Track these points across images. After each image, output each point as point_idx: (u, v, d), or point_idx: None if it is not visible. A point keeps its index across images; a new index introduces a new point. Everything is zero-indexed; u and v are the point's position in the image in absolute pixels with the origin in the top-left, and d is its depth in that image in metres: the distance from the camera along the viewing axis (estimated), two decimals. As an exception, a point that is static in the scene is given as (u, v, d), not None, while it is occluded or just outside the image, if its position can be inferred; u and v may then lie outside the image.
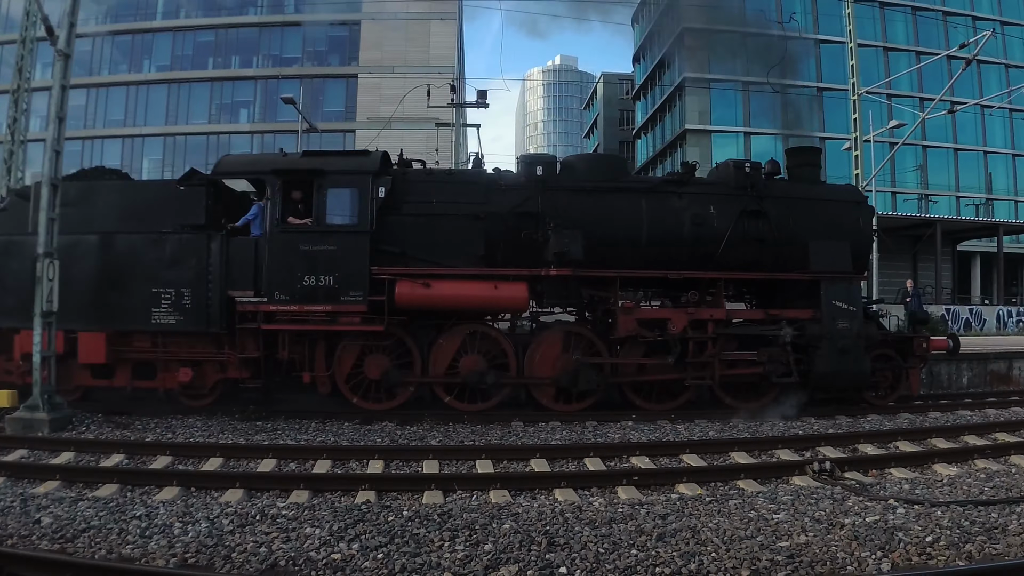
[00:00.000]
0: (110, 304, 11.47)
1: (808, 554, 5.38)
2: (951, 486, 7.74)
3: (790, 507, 6.69)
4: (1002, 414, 13.11)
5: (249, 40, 46.73)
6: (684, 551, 5.39)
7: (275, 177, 11.44)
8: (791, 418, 11.71)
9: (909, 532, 5.88)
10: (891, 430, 11.06)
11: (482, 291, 11.41)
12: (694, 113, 49.93)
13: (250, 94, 46.31)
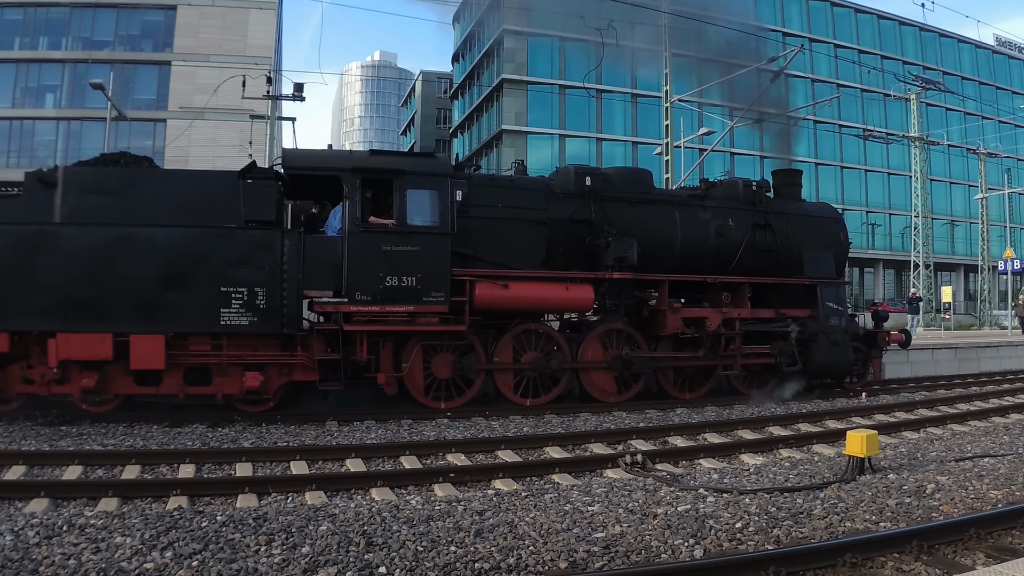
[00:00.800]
0: (169, 304, 13.35)
1: (623, 544, 7.24)
2: (758, 474, 10.50)
3: (604, 499, 8.77)
4: (804, 406, 17.52)
5: (59, 21, 55.07)
6: (502, 546, 7.06)
7: (354, 176, 14.29)
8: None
9: (719, 519, 8.03)
10: (699, 423, 14.66)
11: (556, 292, 15.94)
12: (511, 114, 62.06)
13: (57, 78, 54.10)
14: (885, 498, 9.15)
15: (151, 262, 13.48)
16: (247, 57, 48.32)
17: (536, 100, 62.46)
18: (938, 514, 8.64)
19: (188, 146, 46.53)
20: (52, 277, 13.19)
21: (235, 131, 45.57)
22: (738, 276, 17.95)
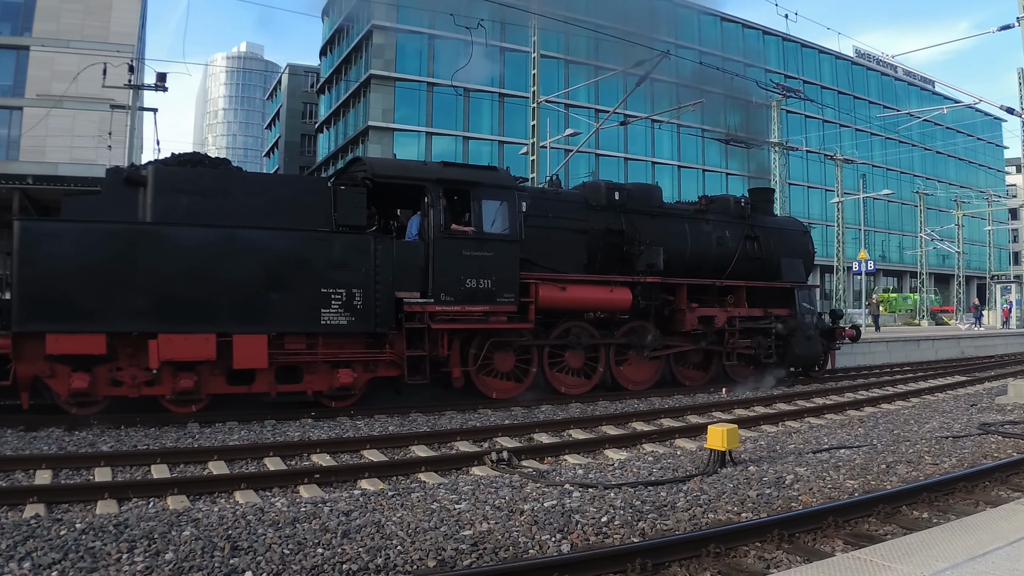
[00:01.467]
0: (272, 304, 14.11)
1: (491, 541, 7.29)
2: (622, 469, 10.68)
3: (471, 497, 8.80)
4: (667, 401, 17.98)
5: (-93, 1, 50.88)
6: (370, 546, 7.01)
7: (438, 186, 15.73)
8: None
9: (585, 514, 8.15)
10: (564, 419, 14.82)
11: (602, 294, 18.13)
12: (378, 110, 61.96)
13: (-97, 62, 49.89)
14: (746, 489, 9.43)
15: (254, 264, 14.13)
16: (109, 44, 46.66)
17: (404, 97, 62.57)
18: (797, 504, 8.96)
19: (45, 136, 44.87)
20: (152, 277, 13.46)
21: (94, 121, 44.34)
22: (734, 280, 20.94)
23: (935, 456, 11.87)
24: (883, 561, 4.68)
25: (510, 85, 62.64)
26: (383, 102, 62.27)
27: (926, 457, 11.78)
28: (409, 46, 62.53)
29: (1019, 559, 4.56)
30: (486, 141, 64.60)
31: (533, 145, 29.30)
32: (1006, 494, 9.51)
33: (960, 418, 15.96)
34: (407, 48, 62.61)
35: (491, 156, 63.79)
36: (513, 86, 61.77)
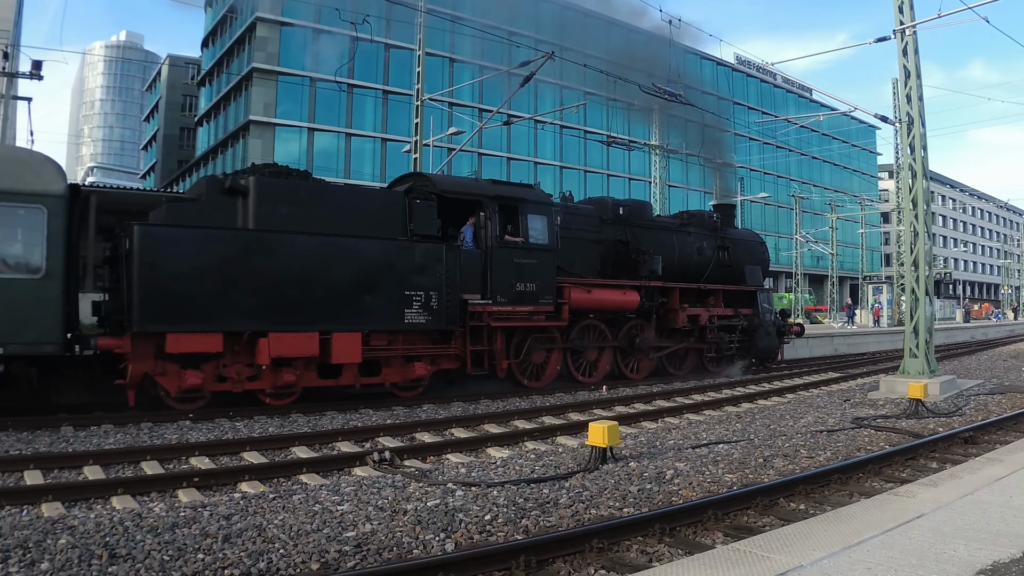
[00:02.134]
0: (365, 305, 15.88)
1: (375, 542, 7.23)
2: (505, 467, 10.73)
3: (354, 497, 8.70)
4: (548, 399, 18.08)
5: None
6: (252, 550, 6.88)
7: (494, 201, 18.21)
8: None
9: (469, 513, 8.17)
10: (446, 418, 14.77)
11: (617, 296, 21.04)
12: (259, 105, 60.39)
13: None
14: (627, 485, 9.56)
15: (350, 269, 15.80)
16: (-18, 30, 44.74)
17: (286, 92, 61.25)
18: (678, 498, 9.12)
19: (-86, 125, 42.83)
20: (262, 281, 14.73)
21: (-36, 109, 42.67)
22: (712, 284, 24.41)
23: (810, 450, 12.25)
24: (762, 552, 4.78)
25: (394, 82, 62.28)
26: (265, 96, 60.96)
27: (802, 451, 12.15)
28: (293, 40, 61.28)
29: (892, 547, 4.72)
30: (369, 138, 63.84)
31: (416, 143, 29.23)
32: (879, 485, 9.84)
33: (834, 413, 16.51)
34: (291, 42, 61.34)
35: (373, 153, 63.24)
36: (397, 83, 61.36)
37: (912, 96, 19.94)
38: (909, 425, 14.81)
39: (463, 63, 66.35)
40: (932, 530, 5.07)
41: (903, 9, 19.69)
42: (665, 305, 22.73)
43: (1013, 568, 4.29)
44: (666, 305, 22.78)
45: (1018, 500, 5.84)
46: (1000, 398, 19.02)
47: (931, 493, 6.17)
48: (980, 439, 12.97)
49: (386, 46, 61.82)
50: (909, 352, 20.19)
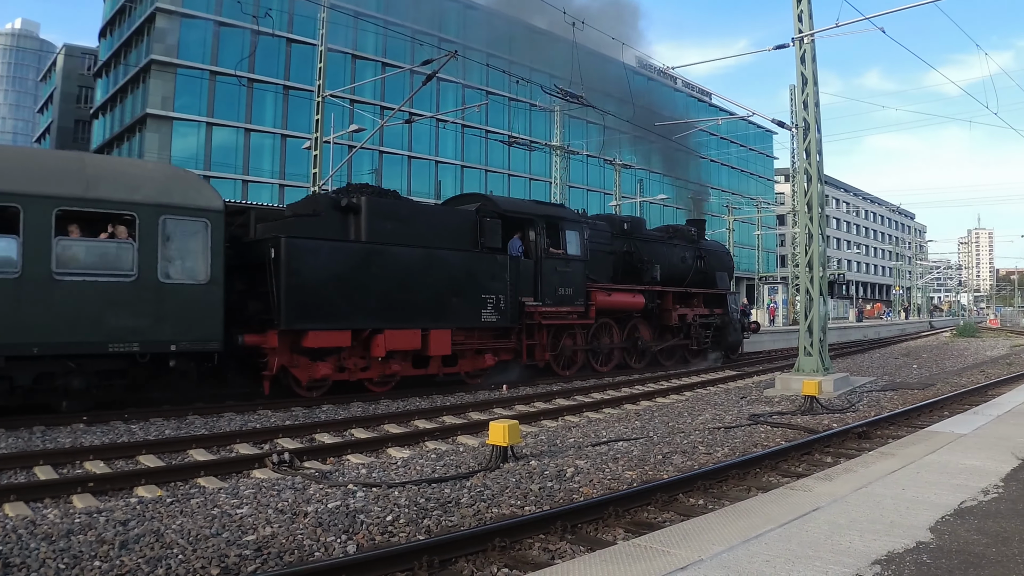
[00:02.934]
0: (453, 306, 19.18)
1: (275, 545, 7.12)
2: (406, 467, 10.70)
3: (253, 500, 8.56)
4: (448, 399, 18.10)
5: None
6: (150, 556, 6.70)
7: (542, 220, 22.08)
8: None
9: (370, 514, 8.09)
10: (346, 418, 14.63)
11: (629, 298, 25.06)
12: (157, 98, 58.48)
13: None
14: (529, 483, 9.60)
15: (442, 276, 19.12)
16: None
17: (185, 85, 59.43)
18: (579, 496, 9.18)
19: None
20: (378, 286, 17.77)
21: None
22: (695, 288, 28.44)
23: (708, 446, 12.48)
24: (662, 547, 4.83)
25: (295, 77, 61.42)
26: (163, 89, 59.04)
27: (700, 447, 12.36)
28: (193, 32, 59.35)
29: (790, 539, 4.82)
30: (268, 134, 62.53)
31: (317, 140, 28.92)
32: (776, 480, 10.08)
33: (731, 410, 16.85)
34: (191, 34, 59.32)
35: (273, 150, 62.05)
36: (299, 79, 60.53)
37: (809, 103, 20.45)
38: (804, 421, 15.18)
39: (366, 60, 65.71)
40: (828, 522, 5.20)
41: (802, 18, 20.21)
42: (661, 306, 26.98)
43: (907, 558, 4.42)
44: (661, 306, 27.04)
45: (910, 492, 6.02)
46: (892, 394, 19.62)
47: (826, 487, 6.32)
48: (873, 434, 13.34)
49: (288, 40, 61.34)
50: (804, 350, 20.70)
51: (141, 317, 14.69)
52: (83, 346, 14.16)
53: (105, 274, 14.47)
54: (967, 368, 28.34)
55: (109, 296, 14.41)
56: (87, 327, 14.15)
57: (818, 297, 20.47)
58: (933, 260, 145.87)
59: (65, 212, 14.08)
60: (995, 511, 5.41)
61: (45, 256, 13.81)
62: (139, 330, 14.65)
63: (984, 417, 10.15)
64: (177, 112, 58.85)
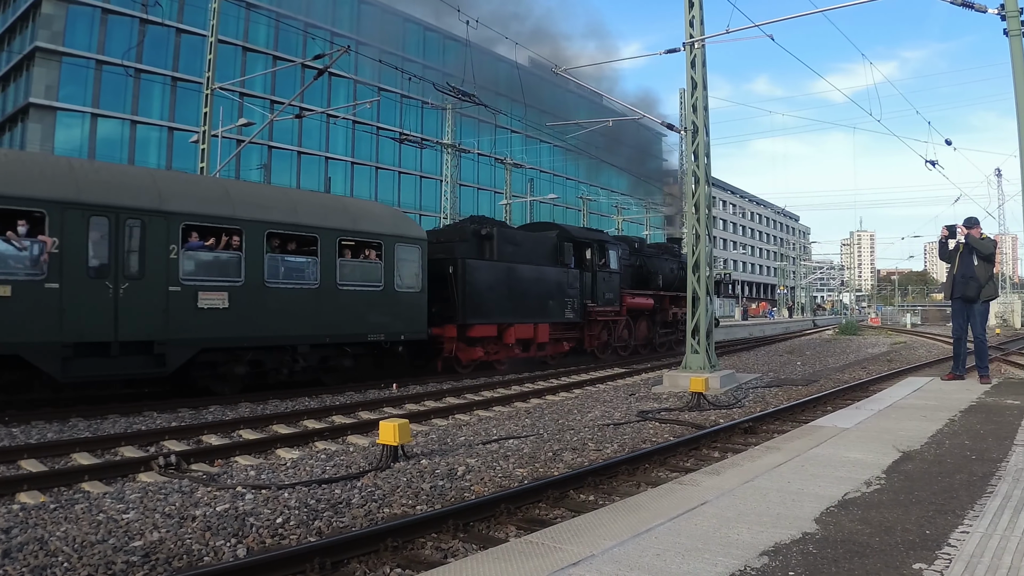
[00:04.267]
0: (549, 307, 26.00)
1: (163, 550, 6.96)
2: (295, 468, 10.55)
3: (139, 505, 8.34)
4: (338, 398, 17.93)
5: None
6: (34, 565, 6.48)
7: (596, 243, 29.36)
8: None
9: (260, 516, 7.99)
10: (234, 419, 14.33)
11: (645, 301, 32.45)
12: (41, 87, 55.97)
13: None
14: (420, 482, 9.59)
15: (544, 285, 26.23)
16: None
17: (70, 74, 56.85)
18: (471, 494, 9.21)
19: None
20: (510, 293, 24.66)
21: None
22: (676, 292, 34.21)
23: (598, 443, 12.64)
24: (554, 543, 4.87)
25: (184, 69, 59.77)
26: (47, 78, 56.47)
27: (590, 444, 12.51)
28: (80, 19, 56.78)
29: (679, 533, 4.91)
30: (155, 127, 60.39)
31: (204, 133, 28.26)
32: (664, 475, 10.23)
33: (620, 407, 17.08)
34: (78, 21, 56.76)
35: (160, 143, 60.09)
36: (188, 70, 58.94)
37: (698, 106, 20.84)
38: (692, 417, 15.47)
39: (257, 52, 64.60)
40: (716, 516, 5.31)
41: (693, 24, 20.57)
42: (661, 306, 34.18)
43: (794, 549, 4.54)
44: (661, 306, 34.30)
45: (796, 485, 6.19)
46: (777, 390, 20.14)
47: (714, 481, 6.45)
48: (759, 429, 13.65)
49: (177, 31, 59.67)
50: (691, 348, 21.10)
51: (385, 315, 20.59)
52: (354, 336, 20.10)
53: (366, 285, 20.31)
54: (849, 365, 29.20)
55: (368, 300, 20.24)
56: (356, 323, 20.00)
57: (705, 296, 20.89)
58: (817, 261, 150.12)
59: (343, 240, 19.89)
60: (877, 502, 5.60)
61: (332, 272, 19.33)
62: (384, 324, 20.55)
63: (866, 412, 10.48)
64: (61, 102, 56.38)
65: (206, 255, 17.10)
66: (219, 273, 17.21)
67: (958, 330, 14.67)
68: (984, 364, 14.64)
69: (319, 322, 18.81)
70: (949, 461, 7.02)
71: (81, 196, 14.95)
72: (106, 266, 15.21)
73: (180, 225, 16.36)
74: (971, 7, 15.68)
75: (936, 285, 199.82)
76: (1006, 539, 4.68)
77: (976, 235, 14.05)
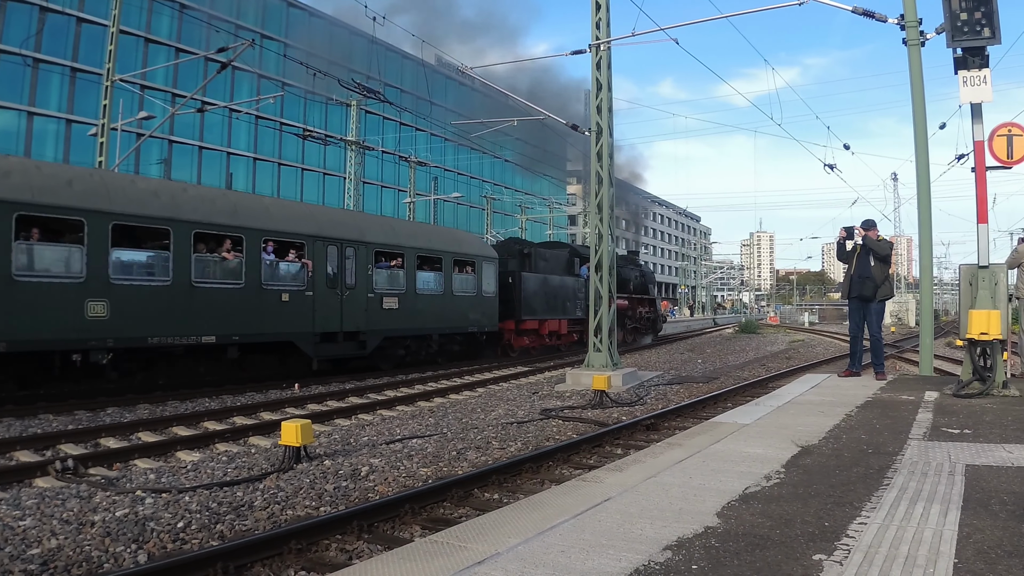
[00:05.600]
0: (567, 307, 34.16)
1: (62, 558, 6.77)
2: (196, 471, 10.35)
3: (36, 511, 8.08)
4: (239, 399, 17.62)
5: None
6: (-77, 576, 6.20)
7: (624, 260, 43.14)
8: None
9: (160, 521, 7.82)
10: (132, 421, 13.94)
11: (624, 302, 39.30)
12: None
13: None
14: (323, 483, 9.53)
15: (563, 290, 33.51)
16: None
17: None
18: (375, 494, 9.17)
19: None
20: (544, 297, 32.01)
21: None
22: (642, 295, 43.31)
23: (502, 441, 12.71)
24: (459, 542, 4.86)
25: (84, 59, 57.40)
26: None
27: (494, 442, 12.58)
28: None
29: (583, 529, 4.94)
30: (53, 119, 57.84)
31: (104, 126, 27.44)
32: (568, 472, 10.33)
33: (523, 405, 17.20)
34: None
35: (57, 136, 57.46)
36: (88, 61, 56.65)
37: (603, 107, 21.03)
38: (595, 415, 15.64)
39: (159, 44, 62.35)
40: (620, 512, 5.35)
41: (600, 26, 20.74)
42: (632, 306, 41.48)
43: (696, 543, 4.60)
44: (633, 306, 41.59)
45: (697, 480, 6.28)
46: (678, 388, 20.48)
47: (617, 477, 6.50)
48: (661, 426, 13.88)
49: (78, 19, 57.31)
50: (593, 346, 21.30)
51: (477, 313, 28.52)
52: (463, 328, 27.88)
53: (468, 292, 28.13)
54: (749, 362, 29.86)
55: (469, 303, 28.10)
56: (463, 319, 27.74)
57: (607, 296, 21.10)
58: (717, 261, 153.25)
59: (454, 259, 27.44)
60: (777, 495, 5.71)
61: (451, 283, 27.14)
62: (476, 320, 28.48)
63: (765, 408, 10.67)
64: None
65: (387, 271, 24.41)
66: (394, 285, 24.55)
67: (855, 328, 15.06)
68: (880, 361, 15.09)
69: (444, 319, 26.84)
70: (847, 455, 7.20)
71: (322, 232, 21.67)
72: (335, 279, 21.96)
73: (373, 251, 23.46)
74: (872, 16, 16.10)
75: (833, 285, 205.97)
76: (903, 529, 4.81)
77: (873, 237, 14.45)
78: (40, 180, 15.35)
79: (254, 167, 71.03)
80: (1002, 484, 5.92)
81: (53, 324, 15.10)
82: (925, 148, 15.60)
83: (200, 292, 17.97)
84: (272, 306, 19.80)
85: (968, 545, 4.46)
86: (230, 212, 19.24)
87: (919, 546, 4.48)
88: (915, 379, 15.06)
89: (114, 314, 16.00)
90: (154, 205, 17.28)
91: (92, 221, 15.78)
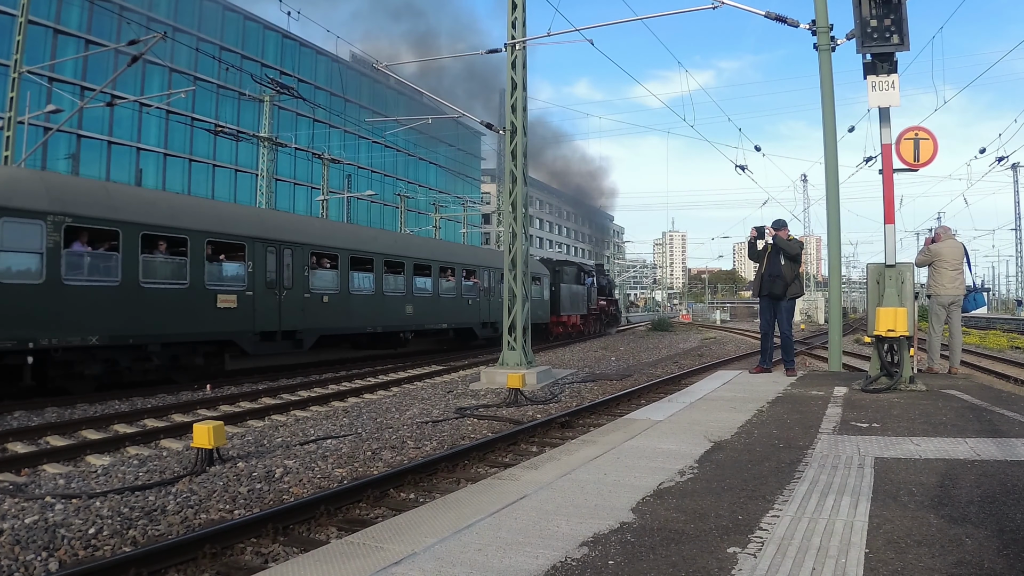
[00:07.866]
0: (578, 306, 49.74)
1: (-35, 567, 6.53)
2: (107, 475, 10.12)
3: (-67, 519, 7.72)
4: (149, 401, 17.27)
5: None
6: None
7: (592, 271, 57.46)
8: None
9: (71, 527, 7.64)
10: (40, 425, 13.56)
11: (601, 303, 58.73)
12: None
13: None
14: (237, 486, 9.40)
15: (578, 295, 49.03)
16: None
17: None
18: (289, 496, 9.06)
19: None
20: (567, 298, 46.71)
21: None
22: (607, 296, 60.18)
23: (417, 440, 12.68)
24: (376, 543, 4.85)
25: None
26: None
27: (409, 442, 12.55)
28: None
29: (500, 527, 4.96)
30: None
31: (10, 120, 26.63)
32: (484, 471, 10.36)
33: (438, 404, 17.19)
34: None
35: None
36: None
37: (517, 107, 21.09)
38: (510, 413, 15.70)
39: (68, 35, 60.09)
40: (536, 509, 5.39)
41: (515, 25, 20.80)
42: (603, 306, 55.59)
43: (612, 538, 4.65)
44: (604, 306, 55.84)
45: (612, 476, 6.34)
46: (592, 385, 20.63)
47: (533, 475, 6.54)
48: (575, 423, 13.98)
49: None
50: (507, 345, 21.37)
51: (539, 311, 39.09)
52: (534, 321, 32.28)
53: (535, 297, 36.96)
54: (662, 360, 30.22)
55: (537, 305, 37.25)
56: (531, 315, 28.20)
57: (521, 294, 21.18)
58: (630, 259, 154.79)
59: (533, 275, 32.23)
60: (691, 490, 5.80)
61: (498, 291, 35.13)
62: (540, 316, 40.08)
63: (678, 404, 10.81)
64: None
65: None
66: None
67: (765, 326, 15.34)
68: (790, 358, 15.44)
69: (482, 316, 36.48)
70: (758, 449, 7.35)
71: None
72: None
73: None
74: (784, 21, 16.45)
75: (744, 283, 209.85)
76: (814, 521, 4.93)
77: (783, 236, 14.75)
78: None
79: (164, 163, 69.13)
80: (910, 476, 6.10)
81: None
82: (834, 150, 16.01)
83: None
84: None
85: (878, 535, 4.59)
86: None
87: (831, 537, 4.59)
88: (824, 375, 15.38)
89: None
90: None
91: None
